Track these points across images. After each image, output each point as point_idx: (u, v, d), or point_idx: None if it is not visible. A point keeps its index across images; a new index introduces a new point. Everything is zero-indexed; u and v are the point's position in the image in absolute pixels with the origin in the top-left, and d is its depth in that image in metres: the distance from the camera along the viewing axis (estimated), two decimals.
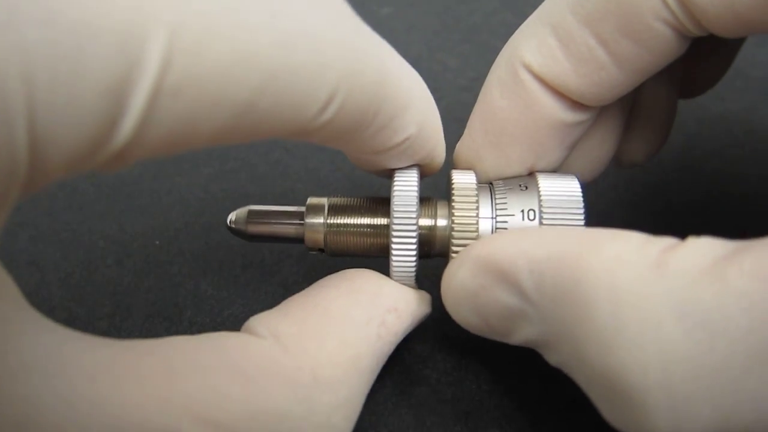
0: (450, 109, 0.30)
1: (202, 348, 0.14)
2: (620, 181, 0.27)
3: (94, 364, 0.12)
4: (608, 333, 0.13)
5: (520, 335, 0.16)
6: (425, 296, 0.19)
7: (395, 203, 0.17)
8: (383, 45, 0.16)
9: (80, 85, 0.10)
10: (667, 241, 0.14)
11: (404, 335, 0.18)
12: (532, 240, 0.15)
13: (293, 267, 0.24)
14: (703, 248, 0.13)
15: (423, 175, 0.19)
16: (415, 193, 0.18)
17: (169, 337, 0.14)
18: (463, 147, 0.19)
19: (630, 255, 0.13)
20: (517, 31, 0.18)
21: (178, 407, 0.13)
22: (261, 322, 0.16)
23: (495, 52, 0.20)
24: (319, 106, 0.13)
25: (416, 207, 0.17)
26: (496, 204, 0.18)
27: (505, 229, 0.18)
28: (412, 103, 0.16)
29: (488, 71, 0.20)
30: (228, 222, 0.20)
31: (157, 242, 0.24)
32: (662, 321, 0.12)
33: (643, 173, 0.27)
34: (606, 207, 0.26)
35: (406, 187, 0.18)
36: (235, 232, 0.20)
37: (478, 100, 0.19)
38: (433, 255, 0.19)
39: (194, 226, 0.25)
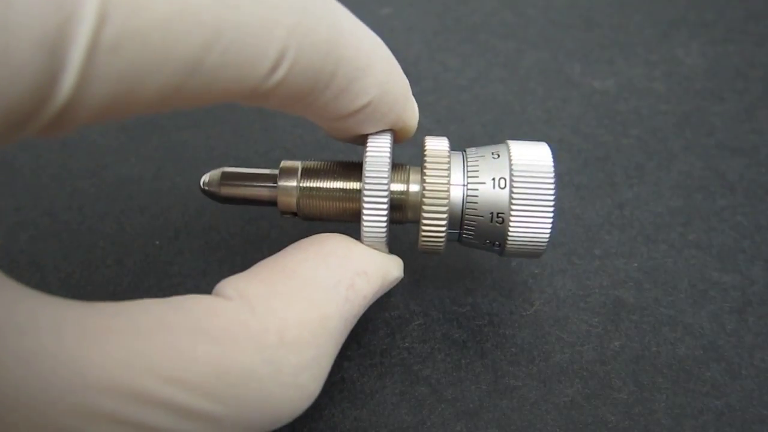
0: (450, 109, 0.30)
1: (169, 309, 0.14)
2: (620, 181, 0.27)
3: (56, 322, 0.12)
4: None
5: None
6: (397, 261, 0.18)
7: (367, 167, 0.17)
8: (338, 6, 0.16)
9: (13, 36, 0.10)
10: None
11: (374, 299, 0.17)
12: None
13: None
14: None
15: (398, 141, 0.19)
16: (387, 158, 0.17)
17: (136, 300, 0.14)
18: None
19: None
20: None
21: (144, 366, 0.13)
22: (229, 284, 0.16)
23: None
24: (270, 64, 0.13)
25: (388, 171, 0.17)
26: (468, 171, 0.18)
27: (476, 202, 0.18)
28: (372, 65, 0.16)
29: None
30: (201, 184, 0.20)
31: (157, 242, 0.24)
32: None
33: (643, 173, 0.27)
34: (606, 207, 0.26)
35: (377, 151, 0.18)
36: (209, 194, 0.20)
37: None
38: (406, 221, 0.19)
39: (194, 226, 0.25)
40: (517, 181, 0.18)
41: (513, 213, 0.17)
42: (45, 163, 0.28)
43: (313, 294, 0.16)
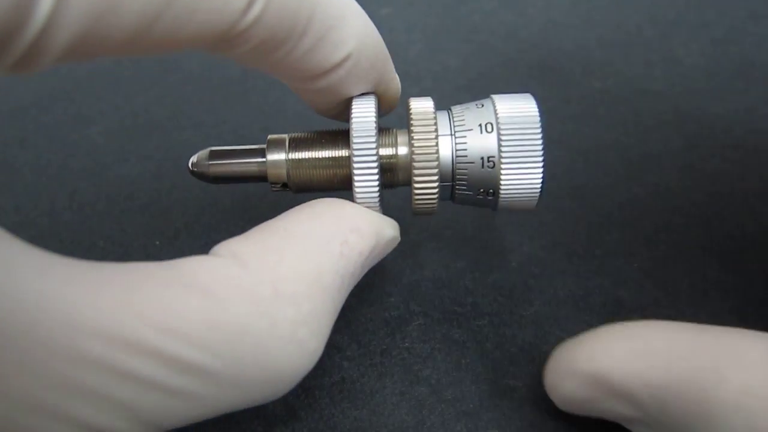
0: None
1: (161, 266, 0.14)
2: (620, 181, 0.27)
3: (42, 263, 0.12)
4: None
5: (633, 429, 0.16)
6: (391, 221, 0.18)
7: (354, 131, 0.17)
8: None
9: None
10: None
11: (372, 259, 0.17)
12: (645, 359, 0.15)
13: None
14: None
15: (384, 111, 0.19)
16: (373, 120, 0.17)
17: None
18: None
19: (760, 388, 0.13)
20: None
21: (134, 314, 0.12)
22: (222, 246, 0.15)
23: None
24: (244, 1, 0.14)
25: (375, 133, 0.17)
26: (453, 122, 0.18)
27: (465, 149, 0.18)
28: (348, 16, 0.16)
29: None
30: (189, 165, 0.19)
31: (157, 242, 0.24)
32: None
33: (643, 173, 0.27)
34: (606, 207, 0.26)
35: (363, 114, 0.18)
36: (198, 175, 0.19)
37: None
38: (397, 184, 0.19)
39: (194, 226, 0.25)
40: (503, 122, 0.18)
41: (503, 153, 0.18)
42: (45, 163, 0.28)
43: (307, 249, 0.15)
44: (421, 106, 0.19)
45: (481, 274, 0.23)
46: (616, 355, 0.15)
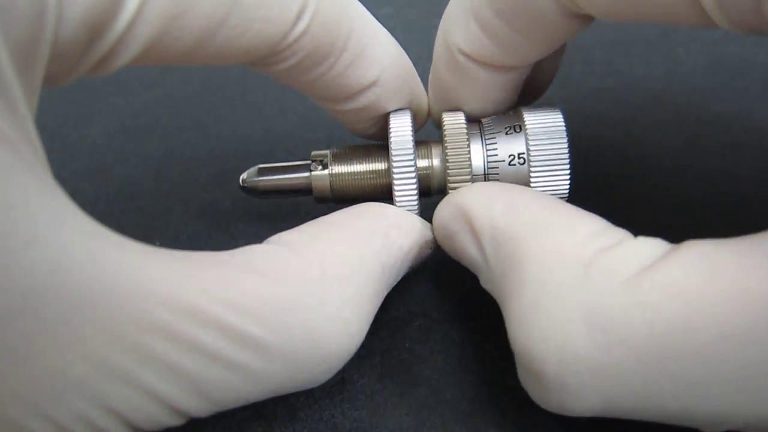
0: None
1: (218, 253, 0.15)
2: (620, 181, 0.27)
3: (119, 240, 0.13)
4: (527, 317, 0.14)
5: (480, 281, 0.18)
6: (429, 225, 0.20)
7: (393, 143, 0.19)
8: None
9: None
10: (612, 238, 0.15)
11: (411, 256, 0.19)
12: (502, 204, 0.17)
13: None
14: (634, 254, 0.14)
15: (417, 125, 0.20)
16: (410, 132, 0.19)
17: None
18: (432, 110, 0.22)
19: (569, 249, 0.15)
20: (445, 16, 0.20)
21: (198, 286, 0.13)
22: (274, 236, 0.17)
23: None
24: (297, 8, 0.16)
25: (413, 144, 0.19)
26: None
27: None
28: (380, 35, 0.18)
29: None
30: (240, 181, 0.21)
31: (157, 243, 0.24)
32: (571, 320, 0.13)
33: (643, 173, 0.27)
34: (606, 207, 0.25)
35: (401, 127, 0.19)
36: (248, 190, 0.21)
37: (432, 74, 0.21)
38: (433, 193, 0.21)
39: (194, 226, 0.25)
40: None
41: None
42: None
43: (351, 240, 0.17)
44: (453, 119, 0.20)
45: None
46: (481, 196, 0.18)
